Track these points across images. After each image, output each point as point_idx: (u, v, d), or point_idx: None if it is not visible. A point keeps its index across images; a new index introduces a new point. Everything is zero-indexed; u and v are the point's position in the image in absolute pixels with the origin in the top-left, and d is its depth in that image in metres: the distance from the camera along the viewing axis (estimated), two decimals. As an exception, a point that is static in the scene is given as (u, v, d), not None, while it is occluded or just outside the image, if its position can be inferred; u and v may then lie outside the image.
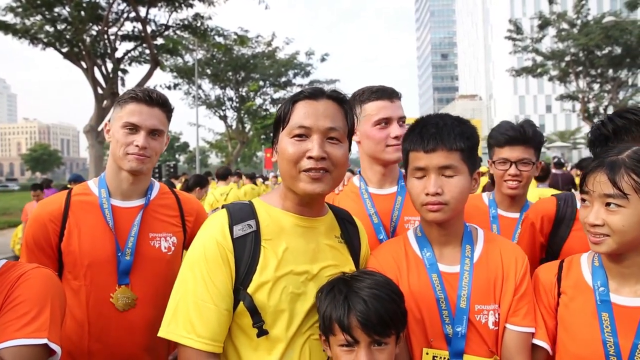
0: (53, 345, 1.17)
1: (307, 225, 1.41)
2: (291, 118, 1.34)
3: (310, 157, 1.30)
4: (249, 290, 1.29)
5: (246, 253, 1.31)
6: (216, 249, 1.30)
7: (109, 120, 1.94)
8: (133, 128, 1.82)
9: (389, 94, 1.94)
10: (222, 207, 1.43)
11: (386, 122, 1.92)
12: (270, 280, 1.30)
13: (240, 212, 1.38)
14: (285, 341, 1.30)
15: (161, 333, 1.31)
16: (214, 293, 1.28)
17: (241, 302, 1.29)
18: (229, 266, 1.30)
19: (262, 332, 1.29)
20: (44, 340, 1.15)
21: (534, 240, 1.97)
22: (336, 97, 1.38)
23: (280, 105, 1.42)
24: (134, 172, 1.86)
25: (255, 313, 1.28)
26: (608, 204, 1.29)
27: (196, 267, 1.31)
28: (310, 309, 1.34)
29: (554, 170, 9.15)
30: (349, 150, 1.43)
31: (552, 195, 1.99)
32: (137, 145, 1.81)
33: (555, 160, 10.43)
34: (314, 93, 1.36)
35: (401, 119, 1.94)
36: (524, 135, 2.08)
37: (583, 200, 1.38)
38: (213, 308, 1.27)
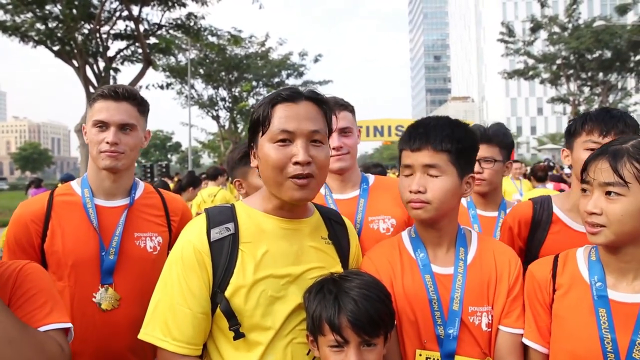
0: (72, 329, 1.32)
1: (290, 227, 1.39)
2: (272, 122, 1.31)
3: (296, 163, 1.28)
4: (226, 293, 1.29)
5: (223, 256, 1.31)
6: (192, 253, 1.30)
7: (85, 122, 1.94)
8: (102, 125, 1.82)
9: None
10: (205, 210, 1.43)
11: None
12: (247, 283, 1.29)
13: (220, 216, 1.37)
14: (264, 344, 1.30)
15: (140, 335, 1.32)
16: (189, 297, 1.28)
17: (218, 306, 1.29)
18: (205, 270, 1.30)
19: (238, 335, 1.28)
20: (70, 325, 1.29)
21: (512, 244, 1.96)
22: (315, 99, 1.36)
23: (256, 107, 1.37)
24: (110, 170, 1.85)
25: (231, 316, 1.28)
26: (608, 193, 1.26)
27: (174, 270, 1.32)
28: (291, 313, 1.33)
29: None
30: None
31: (529, 199, 1.99)
32: (107, 142, 1.80)
33: (546, 162, 11.37)
34: (293, 95, 1.33)
35: (344, 130, 2.00)
36: (485, 134, 2.17)
37: (584, 190, 1.35)
38: (188, 312, 1.28)
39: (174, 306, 1.29)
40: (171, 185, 9.70)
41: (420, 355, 1.43)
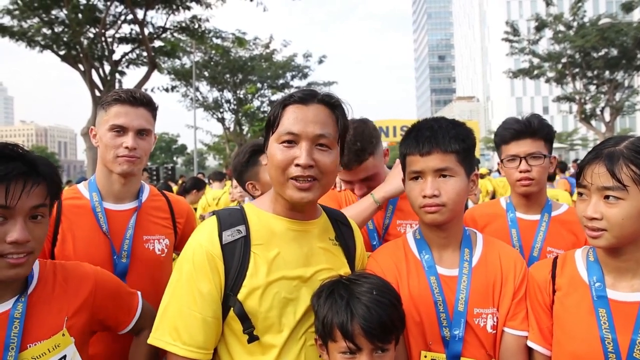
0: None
1: (300, 229, 1.39)
2: (280, 123, 1.31)
3: (297, 165, 1.27)
4: (239, 296, 1.28)
5: (235, 259, 1.30)
6: (204, 257, 1.29)
7: (94, 125, 1.93)
8: (120, 130, 1.82)
9: None
10: (213, 213, 1.42)
11: None
12: (261, 286, 1.29)
13: (230, 218, 1.36)
14: (279, 347, 1.29)
15: (150, 340, 1.31)
16: (199, 301, 1.27)
17: (231, 309, 1.28)
18: (217, 273, 1.29)
19: (252, 338, 1.28)
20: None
21: None
22: (327, 102, 1.35)
23: (271, 108, 1.39)
24: (125, 174, 1.85)
25: (245, 319, 1.27)
26: (607, 197, 1.25)
27: (184, 274, 1.30)
28: (303, 315, 1.33)
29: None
30: (341, 155, 1.39)
31: None
32: (126, 147, 1.80)
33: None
34: (305, 97, 1.32)
35: (366, 179, 2.03)
36: (530, 127, 1.92)
37: (580, 194, 1.34)
38: (198, 316, 1.27)
39: (184, 310, 1.27)
40: (175, 188, 9.72)
41: (426, 357, 1.43)
